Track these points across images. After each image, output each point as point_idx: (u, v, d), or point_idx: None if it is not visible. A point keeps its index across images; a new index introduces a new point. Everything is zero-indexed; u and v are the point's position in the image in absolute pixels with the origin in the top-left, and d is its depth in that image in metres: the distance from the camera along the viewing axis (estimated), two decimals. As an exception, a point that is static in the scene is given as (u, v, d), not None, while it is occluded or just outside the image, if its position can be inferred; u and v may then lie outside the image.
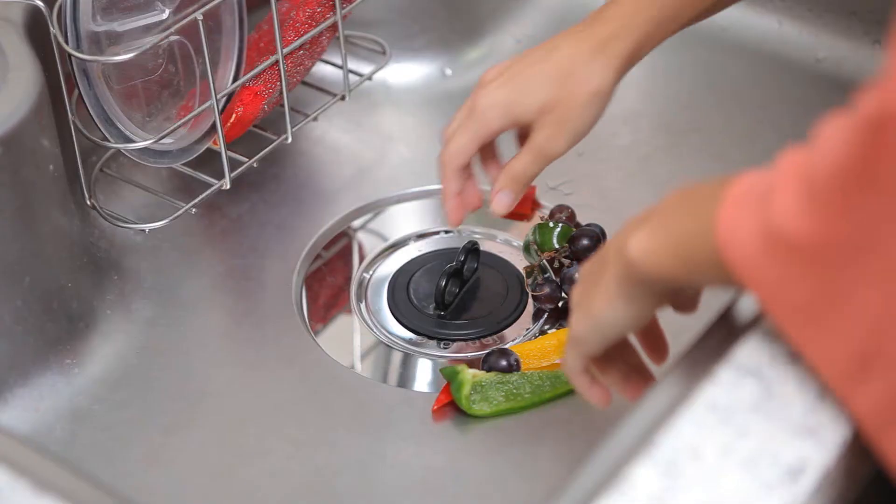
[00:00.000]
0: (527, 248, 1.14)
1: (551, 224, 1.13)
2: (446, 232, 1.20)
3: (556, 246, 1.12)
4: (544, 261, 1.12)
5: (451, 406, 1.04)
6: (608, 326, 0.79)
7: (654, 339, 0.85)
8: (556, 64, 0.96)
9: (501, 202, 1.02)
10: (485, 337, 1.11)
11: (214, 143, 1.12)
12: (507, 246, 1.17)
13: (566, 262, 1.12)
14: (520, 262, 1.15)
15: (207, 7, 1.06)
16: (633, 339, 0.85)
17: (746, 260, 0.66)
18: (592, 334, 0.80)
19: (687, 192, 0.74)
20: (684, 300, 0.81)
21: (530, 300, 1.13)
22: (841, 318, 0.65)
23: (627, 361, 0.84)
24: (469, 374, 1.03)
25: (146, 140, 1.07)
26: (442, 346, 1.10)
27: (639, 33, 0.96)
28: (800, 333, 0.67)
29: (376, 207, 1.22)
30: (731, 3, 0.99)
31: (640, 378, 0.84)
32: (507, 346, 1.08)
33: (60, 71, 1.04)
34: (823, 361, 0.67)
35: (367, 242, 1.20)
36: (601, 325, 0.79)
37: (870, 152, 0.61)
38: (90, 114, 1.05)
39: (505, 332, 1.11)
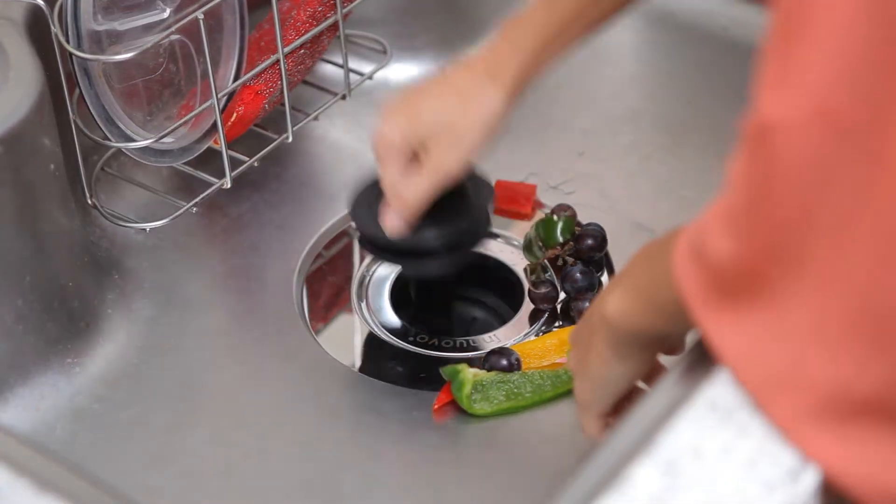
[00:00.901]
0: (528, 248, 1.14)
1: (555, 218, 1.13)
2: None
3: (561, 240, 1.12)
4: (545, 260, 1.12)
5: (451, 405, 1.04)
6: (610, 385, 0.85)
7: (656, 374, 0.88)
8: (450, 89, 1.01)
9: (391, 224, 1.02)
10: (485, 336, 1.11)
11: (215, 142, 1.12)
12: (508, 245, 1.17)
13: (570, 259, 1.12)
14: (520, 262, 1.15)
15: (208, 6, 1.06)
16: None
17: (691, 291, 0.69)
18: (598, 396, 0.85)
19: (648, 249, 0.79)
20: (673, 344, 0.86)
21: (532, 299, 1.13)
22: (770, 335, 0.66)
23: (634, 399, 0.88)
24: (470, 374, 1.03)
25: (147, 139, 1.07)
26: (443, 344, 1.10)
27: (524, 55, 0.99)
28: (728, 352, 0.68)
29: (377, 206, 1.22)
30: (605, 19, 1.02)
31: None
32: (507, 346, 1.08)
33: (61, 70, 1.04)
34: (746, 375, 0.68)
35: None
36: (603, 386, 0.85)
37: (759, 168, 0.63)
38: (91, 113, 1.05)
39: (505, 331, 1.11)
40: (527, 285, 1.12)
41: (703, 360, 0.72)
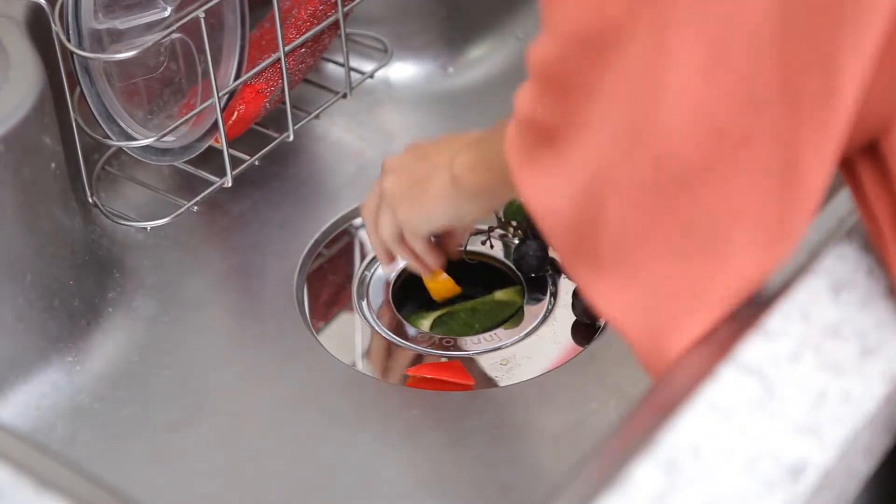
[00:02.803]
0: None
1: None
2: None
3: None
4: (509, 234, 1.14)
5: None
6: (436, 220, 1.01)
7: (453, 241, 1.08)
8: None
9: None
10: (484, 333, 1.11)
11: (216, 140, 1.12)
12: (508, 244, 1.17)
13: (520, 234, 1.13)
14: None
15: (209, 5, 1.06)
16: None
17: (512, 150, 0.78)
18: (423, 224, 1.02)
19: (501, 122, 0.89)
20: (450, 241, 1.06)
21: (527, 293, 1.13)
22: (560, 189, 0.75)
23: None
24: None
25: (148, 138, 1.07)
26: (443, 343, 1.10)
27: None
28: (525, 182, 0.77)
29: (378, 205, 1.22)
30: None
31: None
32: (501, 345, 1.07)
33: (62, 68, 1.04)
34: (540, 206, 0.76)
35: (369, 240, 1.20)
36: (431, 218, 1.01)
37: (547, 41, 0.72)
38: (92, 111, 1.05)
39: (504, 330, 1.11)
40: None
41: (703, 360, 0.72)
